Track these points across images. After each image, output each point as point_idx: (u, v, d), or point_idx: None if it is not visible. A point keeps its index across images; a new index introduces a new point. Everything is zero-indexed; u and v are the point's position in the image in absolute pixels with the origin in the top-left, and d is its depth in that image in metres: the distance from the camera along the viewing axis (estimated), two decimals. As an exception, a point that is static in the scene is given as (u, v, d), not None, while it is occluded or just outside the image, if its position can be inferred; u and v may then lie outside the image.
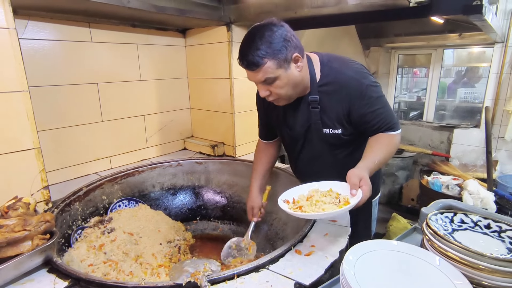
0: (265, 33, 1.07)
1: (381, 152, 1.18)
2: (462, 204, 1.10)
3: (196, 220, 1.82)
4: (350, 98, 1.20)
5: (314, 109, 1.26)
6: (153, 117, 2.13)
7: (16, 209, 1.02)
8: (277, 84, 1.13)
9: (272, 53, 1.07)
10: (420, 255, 0.78)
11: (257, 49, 1.06)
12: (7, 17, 1.13)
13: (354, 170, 1.07)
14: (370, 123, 1.22)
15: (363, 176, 1.04)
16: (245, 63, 1.10)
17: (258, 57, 1.06)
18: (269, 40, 1.06)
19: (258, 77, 1.12)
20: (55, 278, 0.92)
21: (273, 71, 1.09)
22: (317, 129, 1.29)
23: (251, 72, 1.11)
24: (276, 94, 1.17)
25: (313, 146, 1.35)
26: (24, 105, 1.20)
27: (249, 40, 1.09)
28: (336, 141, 1.30)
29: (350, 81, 1.19)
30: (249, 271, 0.92)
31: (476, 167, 3.09)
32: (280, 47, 1.07)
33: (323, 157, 1.36)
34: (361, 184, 1.03)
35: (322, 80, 1.23)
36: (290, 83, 1.16)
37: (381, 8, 1.44)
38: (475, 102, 3.97)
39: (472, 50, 3.90)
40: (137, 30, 1.93)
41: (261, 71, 1.09)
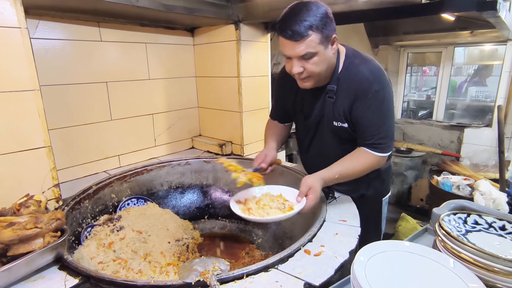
0: (312, 7, 1.07)
1: (351, 167, 1.22)
2: (476, 205, 1.07)
3: (204, 219, 1.83)
4: (356, 96, 1.20)
5: (330, 98, 1.26)
6: (161, 116, 2.14)
7: (27, 206, 1.03)
8: (314, 61, 1.12)
9: (317, 26, 1.06)
10: (434, 257, 0.76)
11: (304, 20, 1.05)
12: (18, 17, 1.14)
13: (307, 178, 1.15)
14: (361, 128, 1.22)
15: (313, 185, 1.11)
16: (289, 33, 1.07)
17: (305, 28, 1.05)
18: (316, 13, 1.06)
19: (298, 50, 1.09)
20: (66, 275, 0.93)
21: (314, 46, 1.09)
22: (328, 121, 1.30)
23: (294, 43, 1.09)
24: (309, 71, 1.15)
25: (323, 137, 1.36)
26: (36, 104, 1.22)
27: (295, 11, 1.08)
28: (344, 134, 1.30)
29: (363, 80, 1.19)
30: (258, 270, 0.91)
31: (488, 167, 3.03)
32: (325, 23, 1.08)
33: (332, 149, 1.36)
34: (309, 193, 1.10)
35: (342, 72, 1.24)
36: (325, 63, 1.15)
37: (392, 5, 1.42)
38: (487, 101, 3.89)
39: (484, 47, 3.83)
40: (145, 29, 1.93)
41: (304, 43, 1.08)
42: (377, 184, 1.48)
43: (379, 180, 1.48)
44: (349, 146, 1.31)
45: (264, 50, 2.16)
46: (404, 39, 3.76)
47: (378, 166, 1.26)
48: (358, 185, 1.41)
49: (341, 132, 1.29)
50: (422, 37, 3.58)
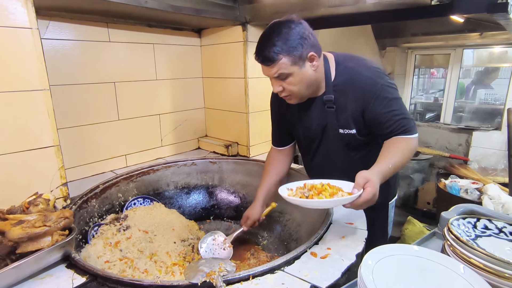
0: (283, 30, 1.08)
1: (397, 156, 1.14)
2: (485, 209, 1.06)
3: (210, 220, 1.83)
4: (365, 98, 1.18)
5: (330, 108, 1.25)
6: (168, 116, 2.15)
7: (36, 205, 1.04)
8: (290, 81, 1.14)
9: (287, 49, 1.08)
10: (443, 262, 0.75)
11: (273, 45, 1.07)
12: (30, 17, 1.16)
13: (363, 172, 1.05)
14: (384, 125, 1.19)
15: (371, 179, 1.02)
16: (260, 58, 1.12)
17: (274, 53, 1.08)
18: (286, 37, 1.08)
19: (271, 72, 1.13)
20: (73, 273, 0.94)
21: (287, 67, 1.11)
22: (333, 129, 1.29)
23: (266, 67, 1.13)
24: (288, 90, 1.17)
25: (329, 146, 1.34)
26: (45, 104, 1.23)
27: (267, 35, 1.11)
28: (351, 141, 1.28)
29: (365, 80, 1.18)
30: (264, 272, 0.91)
31: (497, 171, 2.99)
32: (296, 44, 1.08)
33: (339, 158, 1.35)
34: (366, 186, 1.01)
35: (336, 80, 1.22)
36: (304, 81, 1.16)
37: (401, 6, 1.40)
38: (496, 104, 3.84)
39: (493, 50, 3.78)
40: (153, 30, 1.95)
41: (275, 66, 1.10)
42: (383, 187, 1.46)
43: (385, 184, 1.45)
44: (355, 153, 1.31)
45: (271, 51, 2.16)
46: (411, 41, 3.72)
47: (417, 147, 1.21)
48: None
49: (348, 139, 1.28)
50: (430, 39, 3.54)
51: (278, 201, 1.47)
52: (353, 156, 1.32)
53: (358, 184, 1.01)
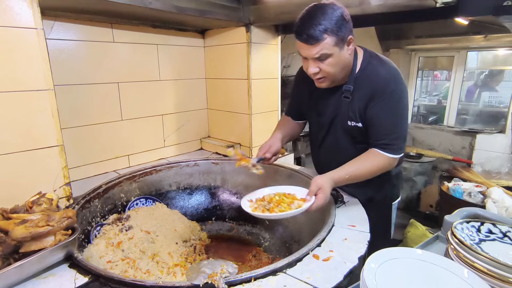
0: (327, 10, 1.10)
1: (360, 167, 1.21)
2: (490, 213, 1.05)
3: (212, 221, 1.83)
4: (372, 95, 1.21)
5: (346, 98, 1.28)
6: (171, 117, 2.15)
7: (40, 204, 1.05)
8: (329, 62, 1.15)
9: (332, 30, 1.09)
10: (447, 266, 0.75)
11: (319, 24, 1.08)
12: (35, 18, 1.17)
13: (317, 179, 1.16)
14: (372, 128, 1.23)
15: (323, 185, 1.12)
16: (304, 37, 1.11)
17: (319, 32, 1.08)
18: (331, 17, 1.09)
19: (313, 52, 1.13)
20: (76, 273, 0.94)
21: (329, 48, 1.11)
22: (342, 120, 1.31)
23: (308, 46, 1.12)
24: (325, 72, 1.19)
25: (336, 135, 1.37)
26: (50, 103, 1.24)
27: (311, 14, 1.11)
28: (358, 134, 1.31)
29: (379, 79, 1.21)
30: (266, 274, 0.91)
31: (500, 174, 2.97)
32: (340, 25, 1.10)
33: (344, 149, 1.37)
34: (318, 192, 1.12)
35: (359, 73, 1.26)
36: (340, 64, 1.18)
37: (406, 9, 1.40)
38: (500, 107, 3.82)
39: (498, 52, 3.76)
40: (157, 30, 1.95)
41: (319, 46, 1.11)
42: (387, 188, 1.47)
43: (389, 184, 1.47)
44: (361, 146, 1.31)
45: (275, 52, 2.16)
46: (415, 43, 3.71)
47: (389, 167, 1.26)
48: (368, 187, 1.40)
49: (355, 131, 1.31)
50: (434, 41, 3.53)
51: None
52: (359, 149, 1.32)
53: (312, 192, 1.13)
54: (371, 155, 1.23)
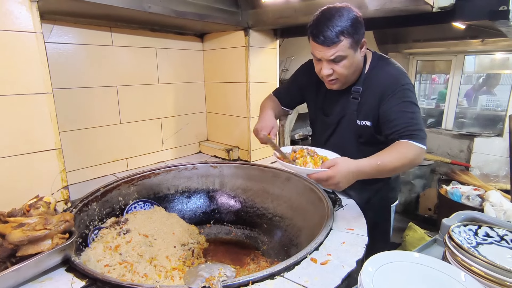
0: (343, 12, 1.11)
1: (391, 157, 1.11)
2: (487, 216, 1.05)
3: (210, 224, 1.82)
4: (384, 93, 1.22)
5: (354, 99, 1.29)
6: (169, 120, 2.15)
7: (37, 207, 1.05)
8: (343, 64, 1.17)
9: (349, 32, 1.10)
10: (444, 270, 0.75)
11: (336, 26, 1.09)
12: (34, 21, 1.17)
13: (340, 158, 1.12)
14: (392, 123, 1.18)
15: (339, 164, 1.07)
16: (321, 39, 1.11)
17: (336, 33, 1.09)
18: (347, 19, 1.10)
19: (328, 54, 1.14)
20: (73, 277, 0.94)
21: (345, 50, 1.13)
22: (350, 120, 1.32)
23: (324, 47, 1.13)
24: (338, 73, 1.20)
25: (343, 135, 1.38)
26: (48, 107, 1.24)
27: (327, 16, 1.11)
28: (365, 134, 1.32)
29: (389, 77, 1.23)
30: (264, 278, 0.91)
31: (498, 178, 2.98)
32: (356, 28, 1.11)
33: (349, 149, 1.35)
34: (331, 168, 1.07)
35: (368, 74, 1.28)
36: (353, 66, 1.20)
37: (403, 13, 1.41)
38: (498, 110, 3.84)
39: (495, 56, 3.79)
40: (156, 34, 1.96)
41: (335, 47, 1.12)
42: (385, 190, 1.47)
43: (387, 186, 1.48)
44: (366, 148, 1.30)
45: (273, 56, 2.17)
46: (413, 47, 3.74)
47: (419, 160, 1.15)
48: (367, 190, 1.42)
49: (363, 131, 1.31)
50: (432, 45, 3.56)
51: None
52: (364, 150, 1.28)
53: (325, 164, 1.10)
54: (400, 145, 1.13)
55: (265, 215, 1.74)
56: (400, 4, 1.32)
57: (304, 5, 1.61)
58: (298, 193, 1.63)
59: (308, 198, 1.54)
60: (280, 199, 1.71)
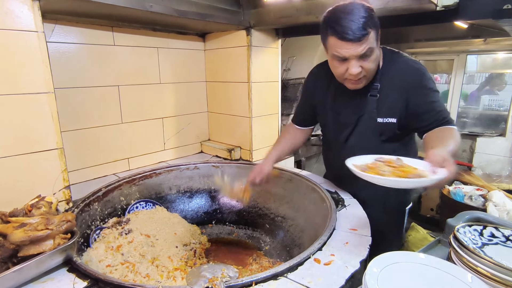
0: (359, 6, 1.07)
1: (451, 141, 1.05)
2: (492, 216, 1.04)
3: (212, 224, 1.82)
4: (409, 87, 1.20)
5: (373, 97, 1.25)
6: (171, 120, 2.15)
7: (39, 207, 1.04)
8: (371, 58, 1.13)
9: (373, 24, 1.07)
10: (450, 271, 0.74)
11: (361, 18, 1.04)
12: (36, 21, 1.17)
13: (435, 150, 0.97)
14: (426, 115, 1.19)
15: (446, 156, 0.93)
16: (350, 34, 1.05)
17: (364, 25, 1.04)
18: (367, 11, 1.07)
19: (359, 50, 1.08)
20: (75, 277, 0.93)
21: (373, 42, 1.09)
22: (371, 118, 1.27)
23: (354, 44, 1.06)
24: (366, 69, 1.15)
25: (362, 135, 1.32)
26: (49, 106, 1.23)
27: (348, 11, 1.06)
28: (388, 132, 1.27)
29: (411, 69, 1.21)
30: (267, 278, 0.90)
31: (501, 178, 2.96)
32: (376, 19, 1.09)
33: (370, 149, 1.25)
34: (445, 164, 0.91)
35: (383, 68, 1.24)
36: (378, 59, 1.17)
37: (406, 12, 1.40)
38: (500, 110, 3.82)
39: (497, 56, 3.77)
40: (157, 34, 1.96)
41: (365, 41, 1.07)
42: (401, 193, 1.44)
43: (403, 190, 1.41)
44: (387, 146, 1.28)
45: (275, 56, 2.16)
46: (415, 47, 3.71)
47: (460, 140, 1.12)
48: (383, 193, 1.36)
49: (385, 129, 1.27)
50: (433, 44, 3.54)
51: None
52: (387, 149, 1.24)
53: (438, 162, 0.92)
54: (445, 130, 1.14)
55: (267, 215, 1.73)
56: (403, 3, 1.31)
57: (306, 4, 1.60)
58: (300, 193, 1.62)
59: (310, 198, 1.53)
60: (282, 199, 1.71)
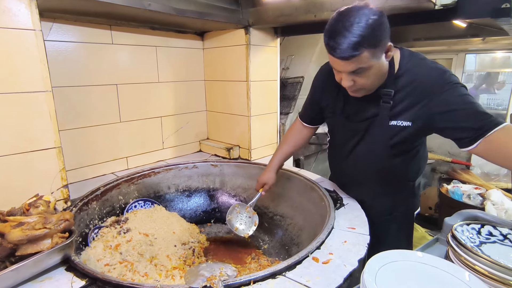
0: (362, 19, 0.94)
1: None
2: (490, 215, 1.05)
3: (210, 223, 1.82)
4: (428, 92, 1.07)
5: (385, 103, 1.15)
6: (169, 119, 2.14)
7: (37, 207, 1.04)
8: (365, 75, 1.04)
9: (369, 42, 0.95)
10: (448, 269, 0.74)
11: (354, 36, 0.93)
12: (33, 19, 1.16)
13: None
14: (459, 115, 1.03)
15: None
16: (338, 52, 0.97)
17: (355, 46, 0.94)
18: (368, 26, 0.93)
19: (348, 68, 1.01)
20: (73, 277, 0.93)
21: (367, 62, 0.99)
22: (382, 123, 1.18)
23: (343, 61, 0.99)
24: (360, 84, 1.07)
25: (372, 140, 1.24)
26: (47, 105, 1.23)
27: (344, 23, 0.95)
28: (399, 136, 1.17)
29: (431, 69, 1.09)
30: (266, 277, 0.90)
31: (499, 177, 2.97)
32: (378, 36, 0.96)
33: (378, 156, 1.24)
34: None
35: (399, 72, 1.13)
36: (378, 74, 1.07)
37: (404, 11, 1.40)
38: (498, 109, 3.83)
39: (496, 55, 3.78)
40: (156, 32, 1.95)
41: (355, 61, 0.98)
42: (410, 199, 1.41)
43: (412, 195, 1.41)
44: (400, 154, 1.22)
45: (274, 54, 2.16)
46: (414, 46, 3.70)
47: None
48: (391, 200, 1.37)
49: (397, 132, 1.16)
50: (432, 43, 3.53)
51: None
52: (395, 157, 1.23)
53: None
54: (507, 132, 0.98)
55: (266, 214, 1.73)
56: (402, 1, 1.31)
57: (305, 3, 1.60)
58: (299, 192, 1.62)
59: (309, 197, 1.53)
60: (281, 198, 1.71)
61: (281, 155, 1.55)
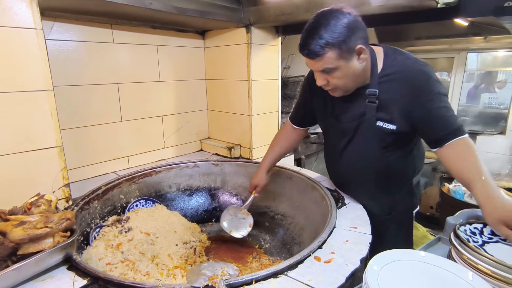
0: (331, 21, 1.02)
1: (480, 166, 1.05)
2: (492, 214, 1.04)
3: (212, 222, 1.82)
4: (414, 91, 1.11)
5: (371, 103, 1.18)
6: (170, 118, 2.14)
7: (38, 206, 1.04)
8: (336, 75, 1.10)
9: (334, 43, 1.02)
10: (450, 268, 0.74)
11: (319, 38, 1.02)
12: (34, 18, 1.16)
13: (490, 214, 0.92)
14: (434, 122, 1.12)
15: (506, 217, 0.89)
16: (305, 52, 1.07)
17: (320, 47, 1.03)
18: (333, 29, 1.01)
19: (316, 66, 1.10)
20: (75, 276, 0.93)
21: (332, 62, 1.06)
22: (370, 123, 1.21)
23: (311, 60, 1.09)
24: (333, 84, 1.14)
25: (362, 141, 1.27)
26: (49, 104, 1.23)
27: (313, 27, 1.05)
28: (387, 136, 1.21)
29: (416, 72, 1.13)
30: (267, 276, 0.90)
31: (501, 176, 2.96)
32: (344, 37, 1.02)
33: (371, 157, 1.27)
34: None
35: (384, 71, 1.16)
36: (350, 75, 1.11)
37: (406, 9, 1.39)
38: (500, 108, 3.82)
39: (498, 54, 3.76)
40: (157, 31, 1.95)
41: (321, 60, 1.06)
42: (408, 199, 1.42)
43: (410, 194, 1.41)
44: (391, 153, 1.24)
45: (275, 53, 2.16)
46: (415, 44, 3.70)
47: None
48: (390, 200, 1.37)
49: (385, 133, 1.20)
50: (434, 42, 3.52)
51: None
52: (389, 156, 1.25)
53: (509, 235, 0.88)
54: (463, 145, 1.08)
55: (267, 213, 1.73)
56: (404, 0, 1.31)
57: (306, 2, 1.60)
58: (300, 192, 1.62)
59: (310, 196, 1.53)
60: (282, 197, 1.71)
61: (272, 156, 1.57)
